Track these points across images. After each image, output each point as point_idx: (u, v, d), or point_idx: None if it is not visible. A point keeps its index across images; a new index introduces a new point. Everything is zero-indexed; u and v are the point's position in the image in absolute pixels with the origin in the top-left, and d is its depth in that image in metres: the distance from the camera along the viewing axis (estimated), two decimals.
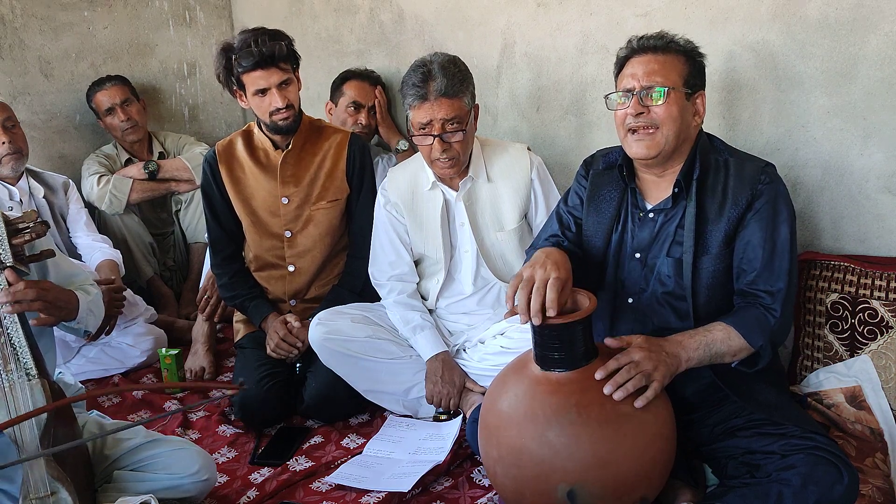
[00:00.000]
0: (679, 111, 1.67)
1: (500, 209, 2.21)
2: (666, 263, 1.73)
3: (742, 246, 1.67)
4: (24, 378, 1.56)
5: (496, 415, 1.59)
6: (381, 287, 2.34)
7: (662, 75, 1.66)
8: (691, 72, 1.69)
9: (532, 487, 1.51)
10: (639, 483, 1.52)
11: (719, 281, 1.70)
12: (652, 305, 1.77)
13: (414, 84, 2.04)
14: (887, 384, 1.87)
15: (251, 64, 2.21)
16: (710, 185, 1.70)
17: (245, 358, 2.46)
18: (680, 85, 1.67)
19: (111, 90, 3.20)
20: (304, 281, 2.48)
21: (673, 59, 1.69)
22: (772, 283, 1.64)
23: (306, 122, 2.42)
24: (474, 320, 2.30)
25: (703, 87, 1.73)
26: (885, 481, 1.69)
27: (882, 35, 1.87)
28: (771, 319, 1.62)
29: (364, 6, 3.13)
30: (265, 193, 2.41)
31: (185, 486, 1.77)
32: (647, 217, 1.76)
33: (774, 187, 1.67)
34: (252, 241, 2.47)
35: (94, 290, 1.87)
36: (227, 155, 2.43)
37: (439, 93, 2.02)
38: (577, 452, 1.48)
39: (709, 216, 1.69)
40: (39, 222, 1.59)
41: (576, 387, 1.52)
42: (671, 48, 1.70)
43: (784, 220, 1.66)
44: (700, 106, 1.71)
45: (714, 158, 1.73)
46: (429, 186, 2.22)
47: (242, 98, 2.31)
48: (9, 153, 2.74)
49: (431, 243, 2.25)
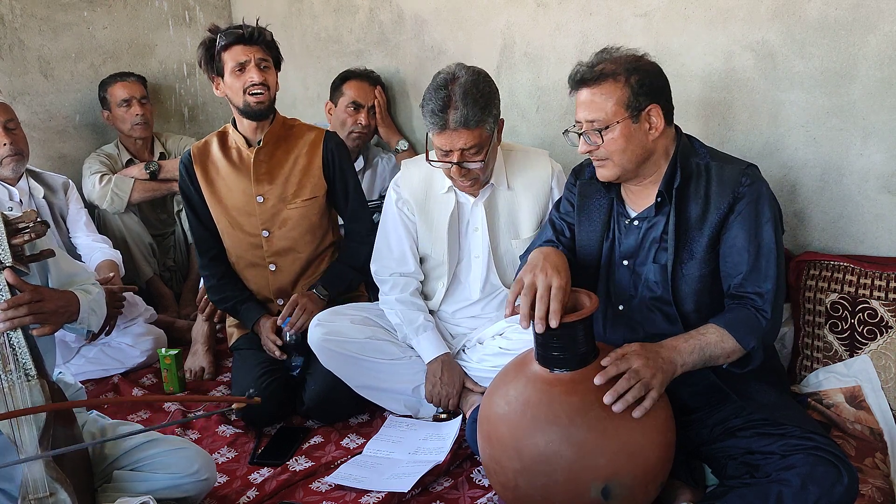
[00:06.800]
0: (626, 139, 1.66)
1: (517, 217, 2.19)
2: (653, 270, 1.74)
3: (727, 249, 1.67)
4: (23, 378, 1.56)
5: (509, 425, 1.56)
6: (383, 283, 2.33)
7: (601, 111, 1.65)
8: (633, 91, 1.64)
9: (563, 492, 1.50)
10: (663, 468, 1.55)
11: (706, 285, 1.70)
12: (642, 312, 1.78)
13: (433, 112, 1.96)
14: (887, 384, 1.87)
15: (233, 38, 2.24)
16: (693, 191, 1.70)
17: (242, 359, 2.45)
18: (622, 113, 1.64)
19: (132, 84, 3.23)
20: (288, 280, 2.47)
21: (609, 87, 1.65)
22: (759, 284, 1.64)
23: (280, 120, 2.42)
24: (478, 324, 2.29)
25: (653, 98, 1.65)
26: (884, 481, 1.69)
27: (881, 35, 1.87)
28: (762, 321, 1.62)
29: (364, 6, 3.13)
30: (240, 193, 2.40)
31: (184, 486, 1.77)
32: (632, 224, 1.77)
33: (756, 189, 1.66)
34: (230, 243, 2.46)
35: (96, 289, 1.86)
36: (201, 156, 2.43)
37: (459, 124, 1.95)
38: (608, 447, 1.48)
39: (692, 222, 1.69)
40: (39, 222, 1.59)
41: (592, 383, 1.52)
42: (604, 77, 1.65)
43: (767, 221, 1.65)
44: (654, 118, 1.66)
45: (695, 163, 1.72)
46: (445, 189, 2.19)
47: (219, 85, 2.31)
48: (10, 154, 2.73)
49: (438, 246, 2.24)
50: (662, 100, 1.68)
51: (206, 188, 2.42)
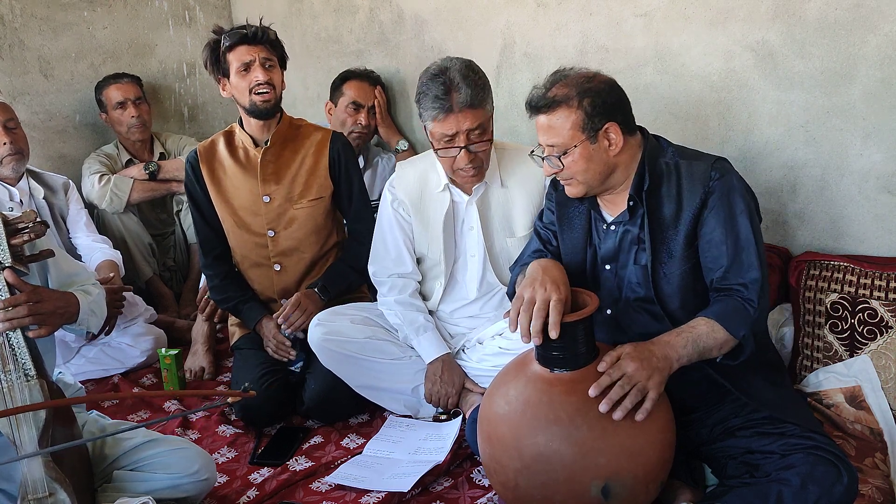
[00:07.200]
0: (586, 160, 1.67)
1: (511, 215, 2.19)
2: (634, 272, 1.75)
3: (705, 244, 1.67)
4: (22, 378, 1.56)
5: (509, 425, 1.56)
6: (381, 284, 2.33)
7: (558, 136, 1.67)
8: (587, 114, 1.64)
9: (563, 491, 1.50)
10: (663, 467, 1.55)
11: (688, 282, 1.71)
12: (629, 314, 1.78)
13: (436, 96, 1.96)
14: (887, 384, 1.87)
15: (238, 38, 2.26)
16: (665, 191, 1.70)
17: (243, 359, 2.45)
18: (579, 136, 1.65)
19: (126, 86, 3.23)
20: (293, 280, 2.47)
21: (563, 112, 1.66)
22: (743, 275, 1.64)
23: (286, 120, 2.43)
24: (476, 324, 2.29)
25: (608, 117, 1.65)
26: (884, 481, 1.69)
27: (881, 35, 1.87)
28: (750, 310, 1.61)
29: (364, 6, 3.13)
30: (246, 192, 2.40)
31: (184, 486, 1.76)
32: (610, 230, 1.78)
33: (726, 182, 1.66)
34: (235, 242, 2.46)
35: (96, 290, 1.86)
36: (208, 155, 2.43)
37: (464, 104, 1.96)
38: (608, 447, 1.48)
39: (667, 221, 1.70)
40: (39, 222, 1.59)
41: (592, 383, 1.52)
42: (556, 103, 1.66)
43: (742, 212, 1.65)
44: (612, 135, 1.66)
45: (664, 163, 1.72)
46: (440, 188, 2.19)
47: (225, 86, 2.33)
48: (10, 154, 2.73)
49: (434, 245, 2.24)
50: (619, 116, 1.68)
51: (212, 187, 2.42)
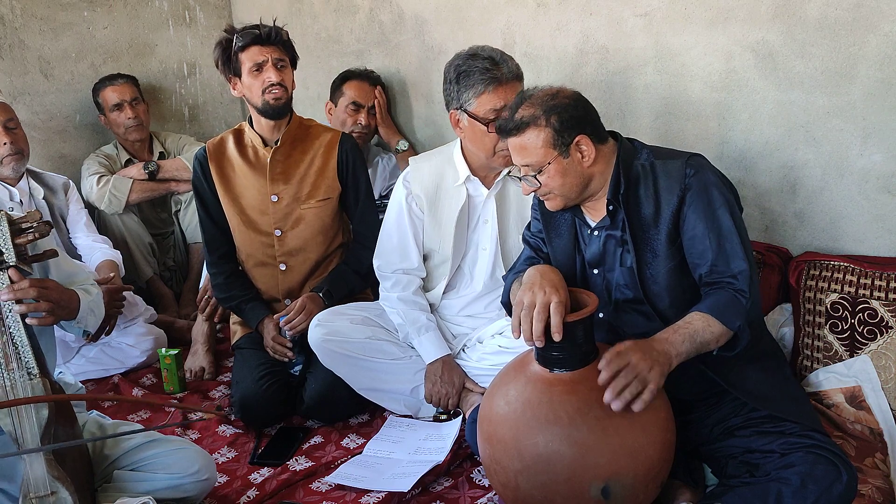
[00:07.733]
0: (562, 175, 1.69)
1: (526, 209, 2.18)
2: (621, 274, 1.75)
3: (689, 241, 1.68)
4: (25, 377, 1.56)
5: (510, 425, 1.56)
6: (385, 279, 2.33)
7: (531, 156, 1.69)
8: (556, 130, 1.66)
9: (563, 491, 1.50)
10: (664, 467, 1.55)
11: (676, 280, 1.71)
12: (621, 316, 1.79)
13: (486, 68, 1.97)
14: (887, 384, 1.87)
15: (250, 39, 2.27)
16: (643, 193, 1.71)
17: (244, 358, 2.45)
18: (551, 153, 1.67)
19: (122, 87, 3.22)
20: (297, 280, 2.48)
21: (533, 132, 1.67)
22: (730, 267, 1.64)
23: (296, 120, 2.43)
24: (478, 324, 2.29)
25: (577, 130, 1.67)
26: (884, 481, 1.69)
27: (882, 35, 1.87)
28: (743, 300, 1.61)
29: (364, 6, 3.13)
30: (255, 191, 2.41)
31: (184, 486, 1.77)
32: (593, 234, 1.79)
33: (701, 178, 1.67)
34: (242, 241, 2.47)
35: (95, 290, 1.87)
36: (217, 153, 2.44)
37: (512, 75, 1.98)
38: (608, 447, 1.48)
39: (647, 222, 1.70)
40: (43, 222, 1.59)
41: (592, 383, 1.52)
42: (524, 124, 1.68)
43: (721, 206, 1.65)
44: (584, 146, 1.68)
45: (639, 165, 1.73)
46: (458, 182, 2.18)
47: (236, 85, 2.34)
48: (10, 154, 2.73)
49: (444, 241, 2.24)
50: (588, 127, 1.69)
51: (220, 185, 2.43)
